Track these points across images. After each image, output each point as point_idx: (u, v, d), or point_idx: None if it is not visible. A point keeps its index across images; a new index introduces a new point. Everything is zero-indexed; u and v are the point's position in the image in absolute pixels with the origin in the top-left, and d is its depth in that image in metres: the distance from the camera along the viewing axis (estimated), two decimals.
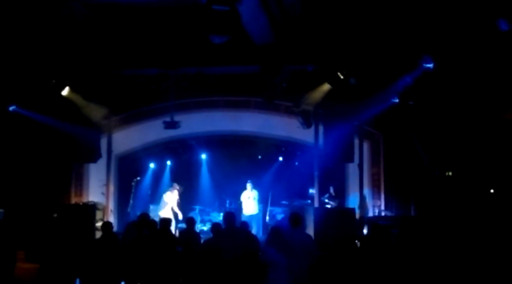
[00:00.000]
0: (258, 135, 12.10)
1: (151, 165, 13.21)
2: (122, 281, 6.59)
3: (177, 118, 10.68)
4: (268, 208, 12.29)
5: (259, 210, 11.84)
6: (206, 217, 12.53)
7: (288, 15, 7.97)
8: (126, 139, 12.00)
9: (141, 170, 12.73)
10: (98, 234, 8.33)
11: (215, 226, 7.15)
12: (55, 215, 9.73)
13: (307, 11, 7.96)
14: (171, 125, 10.74)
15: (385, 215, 10.95)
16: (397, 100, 9.91)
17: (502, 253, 6.60)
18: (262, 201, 12.13)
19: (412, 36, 8.50)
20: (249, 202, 11.64)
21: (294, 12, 7.93)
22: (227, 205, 12.53)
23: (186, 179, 12.99)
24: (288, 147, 12.89)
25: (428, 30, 8.26)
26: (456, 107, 9.46)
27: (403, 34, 8.57)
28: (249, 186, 11.71)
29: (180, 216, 11.21)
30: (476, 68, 8.50)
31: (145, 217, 7.12)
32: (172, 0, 7.85)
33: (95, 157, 10.92)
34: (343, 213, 9.86)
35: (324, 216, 9.45)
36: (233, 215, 6.76)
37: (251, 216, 11.47)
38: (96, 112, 10.62)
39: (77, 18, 7.78)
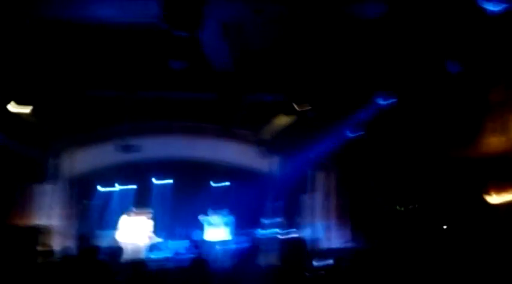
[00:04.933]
0: (214, 162, 12.01)
1: (101, 189, 12.80)
2: None
3: (132, 142, 10.50)
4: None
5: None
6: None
7: (247, 47, 8.05)
8: (79, 161, 11.68)
9: (92, 193, 12.34)
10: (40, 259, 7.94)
11: None
12: None
13: (267, 45, 8.07)
14: (127, 148, 10.55)
15: (347, 247, 10.95)
16: (353, 134, 10.07)
17: None
18: None
19: (369, 72, 8.71)
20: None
21: (254, 45, 8.01)
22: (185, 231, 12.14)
23: (138, 205, 12.66)
24: (245, 175, 12.81)
25: (385, 68, 8.49)
26: (409, 143, 9.67)
27: (360, 70, 8.78)
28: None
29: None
30: (429, 106, 8.76)
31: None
32: (133, 22, 7.80)
33: (41, 178, 10.54)
34: (302, 243, 9.78)
35: (283, 247, 9.39)
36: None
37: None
38: (48, 132, 10.31)
39: (30, 34, 7.60)
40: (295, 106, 9.43)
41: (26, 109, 9.49)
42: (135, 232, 10.86)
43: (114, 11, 7.38)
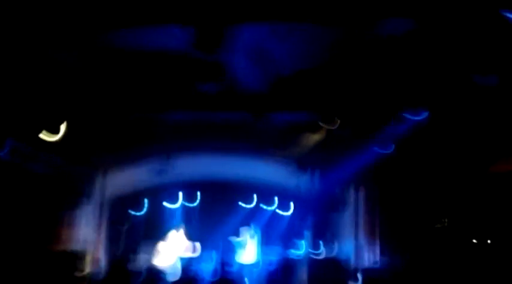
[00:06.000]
0: (245, 181, 12.01)
1: (141, 211, 12.97)
2: None
3: (165, 164, 10.64)
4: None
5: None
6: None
7: (278, 67, 8.08)
8: (119, 181, 11.89)
9: (125, 217, 12.49)
10: None
11: None
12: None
13: (297, 65, 8.08)
14: (164, 169, 10.72)
15: (379, 266, 10.75)
16: (386, 151, 9.91)
17: None
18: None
19: (401, 87, 8.59)
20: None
21: (284, 65, 8.03)
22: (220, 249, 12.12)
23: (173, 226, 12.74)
24: (276, 194, 12.77)
25: (417, 83, 8.36)
26: (445, 159, 9.45)
27: (392, 85, 8.66)
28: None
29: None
30: (464, 120, 8.56)
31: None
32: (164, 48, 7.97)
33: (78, 202, 10.76)
34: (335, 263, 9.69)
35: (316, 267, 9.32)
36: None
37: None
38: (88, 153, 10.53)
39: (68, 62, 7.86)
40: (325, 124, 9.35)
41: (55, 137, 9.75)
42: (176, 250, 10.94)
43: (146, 37, 7.58)
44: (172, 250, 10.99)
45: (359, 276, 9.71)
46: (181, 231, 11.37)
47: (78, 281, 7.18)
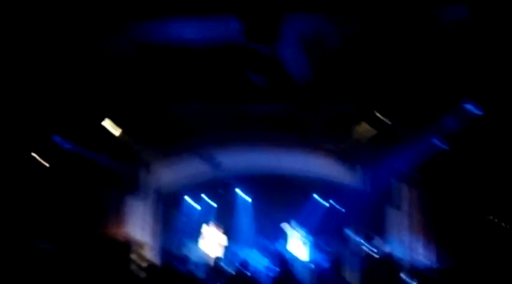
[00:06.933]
0: (296, 174, 11.93)
1: (191, 203, 13.17)
2: None
3: (216, 156, 10.74)
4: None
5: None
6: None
7: (328, 57, 7.97)
8: (166, 175, 12.10)
9: (180, 207, 12.72)
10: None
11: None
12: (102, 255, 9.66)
13: (348, 55, 7.94)
14: (213, 164, 10.82)
15: (435, 266, 10.43)
16: (441, 145, 9.59)
17: None
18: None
19: (457, 80, 8.30)
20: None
21: (334, 55, 7.90)
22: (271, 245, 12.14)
23: (224, 219, 12.85)
24: (327, 188, 12.62)
25: (474, 75, 8.05)
26: (501, 154, 9.04)
27: (448, 78, 8.39)
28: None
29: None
30: None
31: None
32: (215, 39, 8.04)
33: (133, 190, 11.03)
34: (390, 261, 9.47)
35: (370, 265, 9.16)
36: None
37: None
38: (138, 147, 10.81)
39: (117, 53, 8.06)
40: (379, 116, 9.15)
41: (118, 130, 10.06)
42: (211, 243, 11.09)
43: (196, 30, 7.67)
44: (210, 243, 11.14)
45: (414, 275, 9.46)
46: (216, 226, 11.50)
47: (136, 268, 7.30)
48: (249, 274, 7.97)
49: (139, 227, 11.69)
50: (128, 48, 8.04)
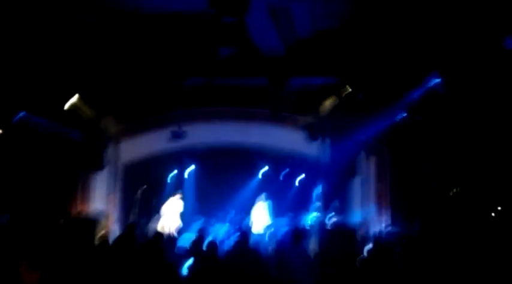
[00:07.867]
0: (262, 146, 12.00)
1: (158, 175, 13.08)
2: None
3: (184, 128, 10.67)
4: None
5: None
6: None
7: (295, 30, 7.99)
8: (133, 148, 11.94)
9: (147, 180, 12.62)
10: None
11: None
12: (61, 221, 9.61)
13: (315, 28, 7.98)
14: (178, 135, 10.74)
15: (390, 232, 10.79)
16: (405, 116, 9.84)
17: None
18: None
19: (421, 51, 8.48)
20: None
21: (302, 28, 7.93)
22: (232, 215, 12.25)
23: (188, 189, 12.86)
24: (292, 160, 12.77)
25: (437, 46, 8.24)
26: (464, 125, 9.36)
27: (412, 49, 8.55)
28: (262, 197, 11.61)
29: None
30: (484, 85, 8.44)
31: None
32: (182, 11, 7.90)
33: (101, 166, 10.92)
34: (346, 231, 9.75)
35: (327, 236, 9.41)
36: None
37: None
38: (102, 121, 10.65)
39: (86, 25, 7.84)
40: (346, 87, 9.28)
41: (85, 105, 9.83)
42: (172, 214, 11.15)
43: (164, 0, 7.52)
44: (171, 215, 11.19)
45: (370, 244, 9.76)
46: (178, 196, 11.54)
47: (99, 240, 7.28)
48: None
49: (105, 202, 11.62)
50: (93, 19, 7.85)
